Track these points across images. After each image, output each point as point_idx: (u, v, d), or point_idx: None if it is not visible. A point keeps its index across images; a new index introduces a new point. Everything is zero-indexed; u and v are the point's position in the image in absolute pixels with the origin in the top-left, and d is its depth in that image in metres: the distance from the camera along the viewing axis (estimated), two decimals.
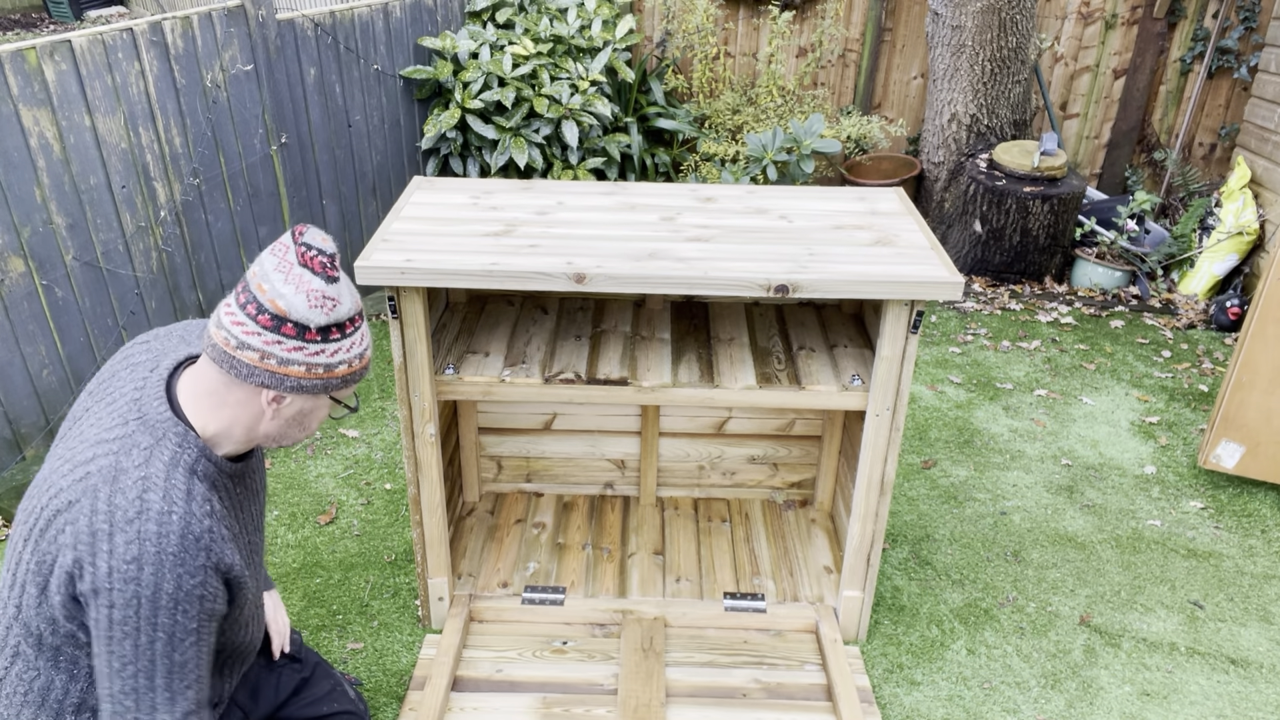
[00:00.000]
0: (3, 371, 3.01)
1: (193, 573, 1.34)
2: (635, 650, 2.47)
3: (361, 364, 1.48)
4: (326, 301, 1.38)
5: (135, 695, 1.35)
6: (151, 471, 1.36)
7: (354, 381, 1.48)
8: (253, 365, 1.38)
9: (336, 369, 1.43)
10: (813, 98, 5.50)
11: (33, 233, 2.99)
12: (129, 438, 1.39)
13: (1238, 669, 2.57)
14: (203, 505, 1.38)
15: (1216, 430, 3.15)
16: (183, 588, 1.33)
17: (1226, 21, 5.03)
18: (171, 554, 1.32)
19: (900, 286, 2.02)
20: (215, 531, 1.39)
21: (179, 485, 1.37)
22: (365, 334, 1.48)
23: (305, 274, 1.36)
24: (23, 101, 2.88)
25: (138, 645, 1.33)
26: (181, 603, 1.34)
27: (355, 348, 1.45)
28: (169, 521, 1.33)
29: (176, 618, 1.34)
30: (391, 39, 4.31)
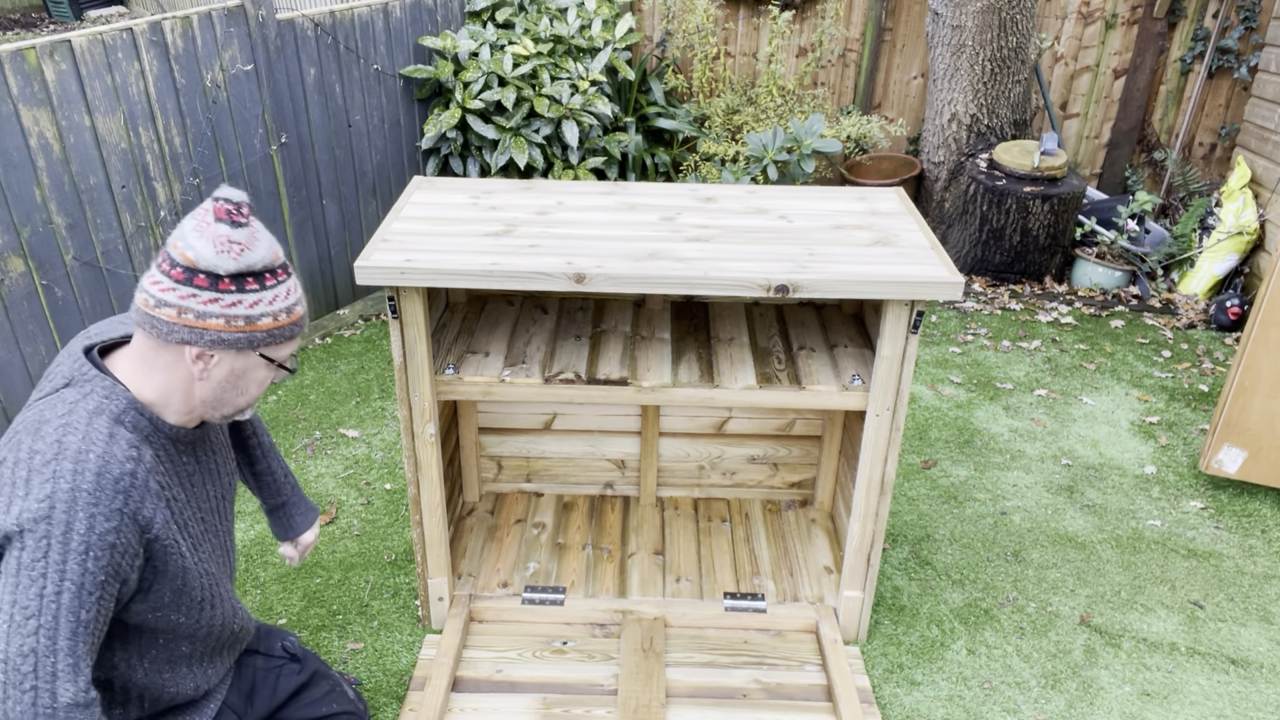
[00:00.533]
0: (3, 371, 3.01)
1: (107, 515, 1.30)
2: (635, 650, 2.47)
3: (290, 319, 1.43)
4: (233, 246, 1.35)
5: (35, 658, 1.26)
6: (73, 419, 1.34)
7: (283, 338, 1.44)
8: (171, 322, 1.35)
9: (258, 321, 1.39)
10: (813, 97, 5.50)
11: (32, 232, 2.99)
12: (56, 394, 1.38)
13: (1238, 669, 2.57)
14: (127, 450, 1.34)
15: (1218, 435, 3.15)
16: (95, 529, 1.28)
17: (1226, 21, 5.03)
18: (86, 491, 1.28)
19: (900, 286, 2.02)
20: (139, 478, 1.35)
21: (100, 429, 1.34)
22: (292, 290, 1.44)
23: (213, 223, 1.35)
24: (22, 101, 2.88)
25: (43, 594, 1.26)
26: (93, 548, 1.28)
27: (279, 300, 1.41)
28: (85, 460, 1.30)
29: (87, 564, 1.28)
30: (391, 39, 4.30)
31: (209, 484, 1.59)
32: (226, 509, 1.66)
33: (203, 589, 1.53)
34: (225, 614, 1.64)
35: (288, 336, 1.45)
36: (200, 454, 1.56)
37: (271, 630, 1.94)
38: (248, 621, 1.77)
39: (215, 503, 1.61)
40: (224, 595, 1.63)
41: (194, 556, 1.49)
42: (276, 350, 1.45)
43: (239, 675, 1.82)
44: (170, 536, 1.41)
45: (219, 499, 1.62)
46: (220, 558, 1.63)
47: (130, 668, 1.53)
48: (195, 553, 1.50)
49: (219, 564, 1.61)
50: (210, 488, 1.59)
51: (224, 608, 1.63)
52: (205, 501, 1.57)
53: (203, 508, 1.56)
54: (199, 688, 1.66)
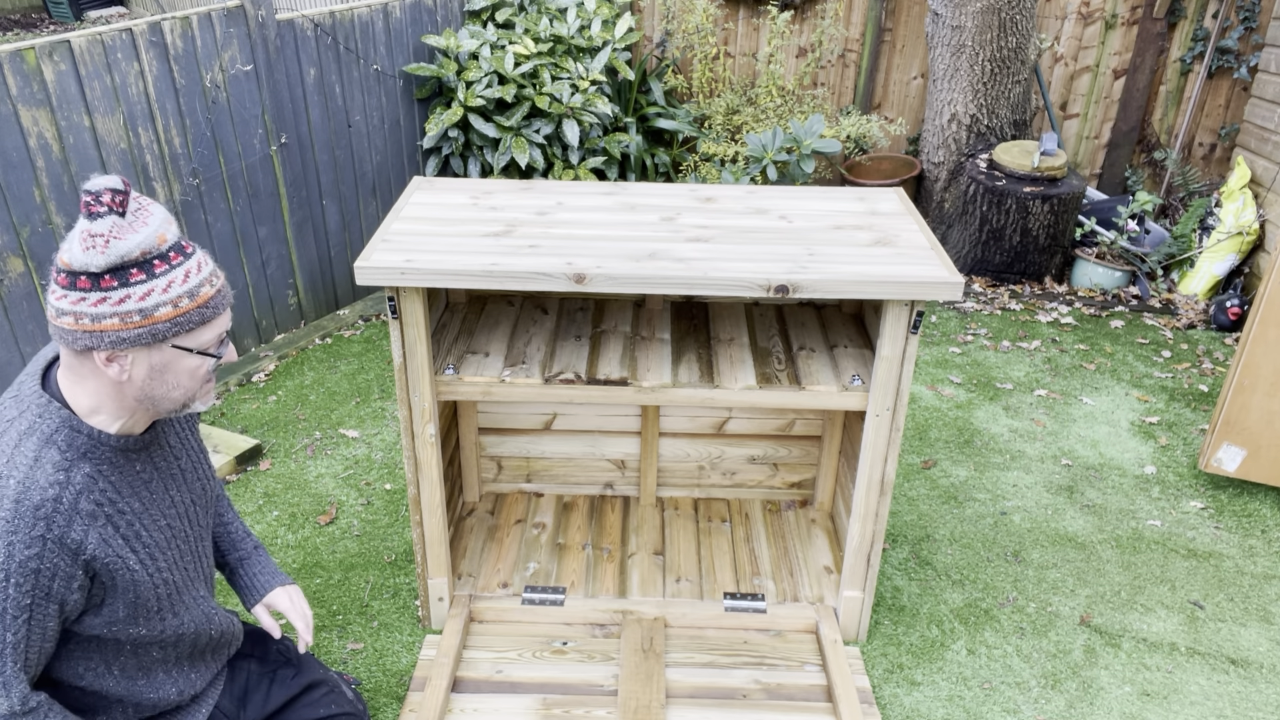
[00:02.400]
0: (2, 371, 3.01)
1: (27, 543, 1.27)
2: (635, 651, 2.47)
3: (193, 303, 1.33)
4: (95, 240, 1.26)
5: None
6: (2, 443, 1.32)
7: (192, 324, 1.34)
8: (72, 329, 1.30)
9: (155, 313, 1.30)
10: (812, 98, 5.50)
11: (32, 232, 2.99)
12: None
13: (1238, 669, 2.57)
14: (51, 475, 1.31)
15: (1218, 434, 3.15)
16: (15, 557, 1.26)
17: (1226, 21, 5.03)
18: (5, 520, 1.26)
19: (900, 286, 2.02)
20: (63, 503, 1.31)
21: (26, 453, 1.31)
22: (191, 272, 1.33)
23: (81, 220, 1.29)
24: (22, 102, 2.88)
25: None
26: (13, 575, 1.27)
27: (175, 287, 1.31)
28: (4, 488, 1.28)
29: (9, 591, 1.26)
30: (391, 39, 4.30)
31: (173, 489, 1.54)
32: (199, 514, 1.62)
33: (160, 599, 1.50)
34: (197, 620, 1.60)
35: (198, 321, 1.35)
36: (159, 459, 1.51)
37: (266, 634, 1.93)
38: (230, 625, 1.74)
39: (183, 508, 1.57)
40: (192, 602, 1.59)
41: (149, 568, 1.46)
42: (191, 338, 1.36)
43: (231, 679, 1.80)
44: (112, 554, 1.38)
45: (188, 504, 1.58)
46: (190, 564, 1.58)
47: (99, 676, 1.51)
48: (151, 563, 1.46)
49: (187, 571, 1.57)
50: (175, 493, 1.54)
51: (193, 614, 1.59)
52: (170, 507, 1.52)
53: (166, 514, 1.51)
54: (183, 692, 1.64)
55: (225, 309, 1.40)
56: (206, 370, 1.40)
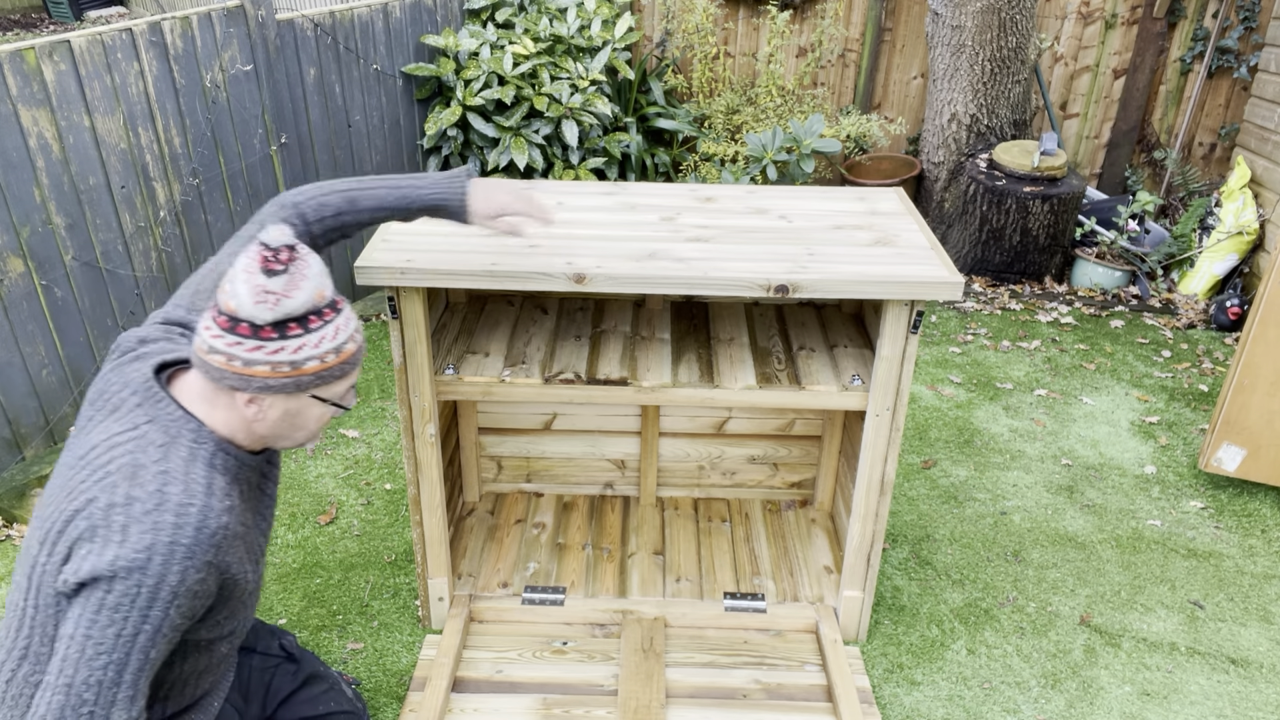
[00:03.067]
0: (2, 371, 3.01)
1: (198, 568, 1.33)
2: (635, 651, 2.47)
3: (339, 359, 1.42)
4: (268, 296, 1.34)
5: (98, 689, 1.31)
6: (170, 466, 1.36)
7: (332, 379, 1.43)
8: (221, 368, 1.37)
9: (304, 366, 1.39)
10: (812, 97, 5.50)
11: (32, 233, 2.99)
12: (143, 438, 1.39)
13: (1238, 669, 2.57)
14: (222, 500, 1.38)
15: (1218, 433, 3.15)
16: (185, 581, 1.32)
17: (1226, 21, 5.03)
18: (184, 546, 1.31)
19: (900, 286, 2.02)
20: (229, 529, 1.38)
21: (199, 479, 1.37)
22: (340, 328, 1.42)
23: (255, 271, 1.35)
24: (22, 102, 2.88)
25: (120, 635, 1.30)
26: (180, 597, 1.32)
27: (325, 343, 1.40)
28: (186, 514, 1.33)
29: (169, 612, 1.32)
30: (391, 39, 4.30)
31: (271, 489, 1.62)
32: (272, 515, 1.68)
33: (248, 599, 1.55)
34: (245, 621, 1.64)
35: (337, 376, 1.44)
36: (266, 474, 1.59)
37: (269, 628, 1.93)
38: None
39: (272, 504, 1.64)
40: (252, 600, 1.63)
41: (253, 576, 1.52)
42: (327, 389, 1.45)
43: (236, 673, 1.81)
44: (241, 570, 1.44)
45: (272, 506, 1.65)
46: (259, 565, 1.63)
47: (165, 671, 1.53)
48: (254, 570, 1.52)
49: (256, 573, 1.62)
50: (269, 505, 1.62)
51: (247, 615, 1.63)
52: (267, 509, 1.60)
53: (266, 517, 1.58)
54: (215, 686, 1.66)
55: (359, 364, 1.49)
56: (329, 417, 1.49)
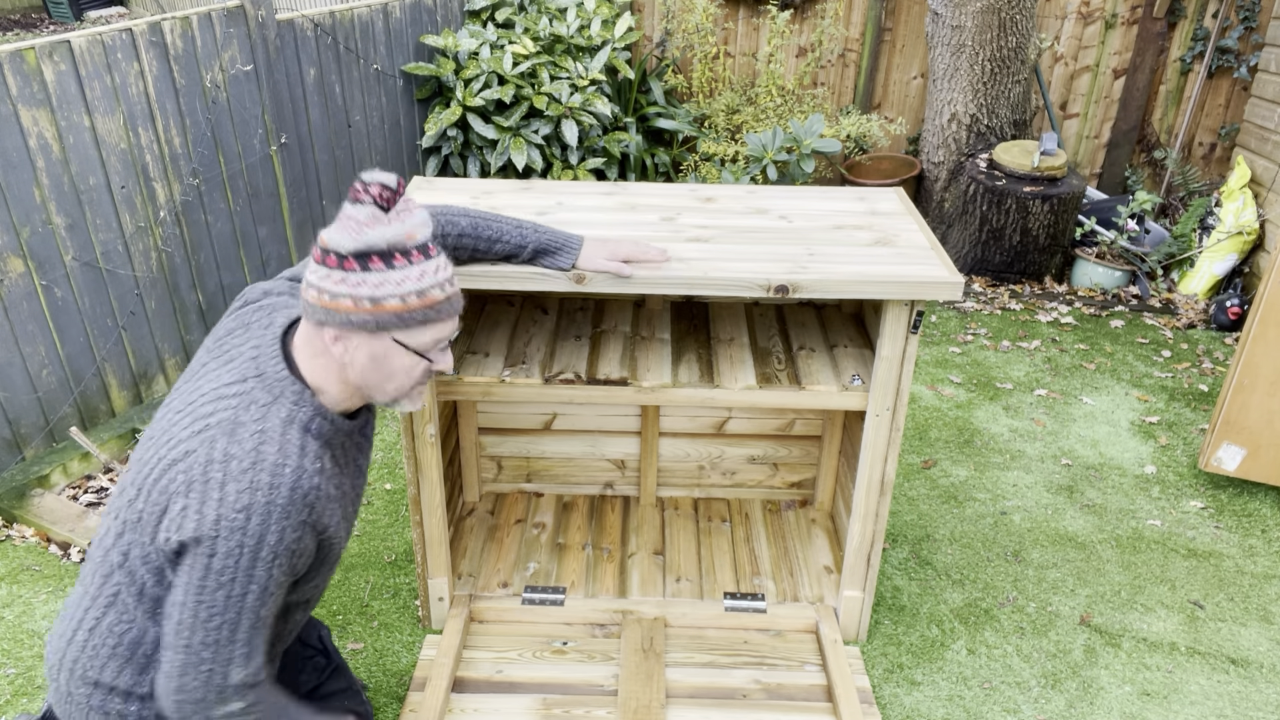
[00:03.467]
0: (3, 371, 3.01)
1: (295, 528, 1.35)
2: (635, 651, 2.47)
3: (421, 302, 1.37)
4: (349, 224, 1.34)
5: (215, 648, 1.35)
6: (268, 426, 1.37)
7: (415, 323, 1.39)
8: (313, 303, 1.38)
9: (384, 303, 1.35)
10: (812, 97, 5.50)
11: (32, 233, 2.99)
12: (247, 394, 1.40)
13: (1238, 669, 2.57)
14: (314, 462, 1.38)
15: (1218, 433, 3.15)
16: (284, 541, 1.34)
17: (1226, 21, 5.03)
18: (280, 506, 1.33)
19: (900, 286, 2.02)
20: (322, 490, 1.39)
21: (294, 440, 1.37)
22: (427, 273, 1.38)
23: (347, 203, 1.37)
24: (22, 102, 2.88)
25: (230, 596, 1.33)
26: (280, 556, 1.34)
27: (409, 283, 1.36)
28: (281, 474, 1.34)
29: (272, 571, 1.34)
30: (391, 39, 4.31)
31: (361, 458, 1.61)
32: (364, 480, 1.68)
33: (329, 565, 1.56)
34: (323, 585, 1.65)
35: (419, 321, 1.39)
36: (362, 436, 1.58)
37: (312, 619, 1.94)
38: None
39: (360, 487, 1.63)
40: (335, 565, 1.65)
41: (345, 539, 1.53)
42: (409, 335, 1.40)
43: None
44: (337, 533, 1.46)
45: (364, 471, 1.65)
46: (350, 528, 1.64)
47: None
48: (347, 533, 1.54)
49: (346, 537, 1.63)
50: (363, 460, 1.61)
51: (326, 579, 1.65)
52: (359, 475, 1.59)
53: (358, 484, 1.58)
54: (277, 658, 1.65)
55: (450, 317, 1.44)
56: (421, 371, 1.45)
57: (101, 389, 3.36)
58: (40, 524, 2.93)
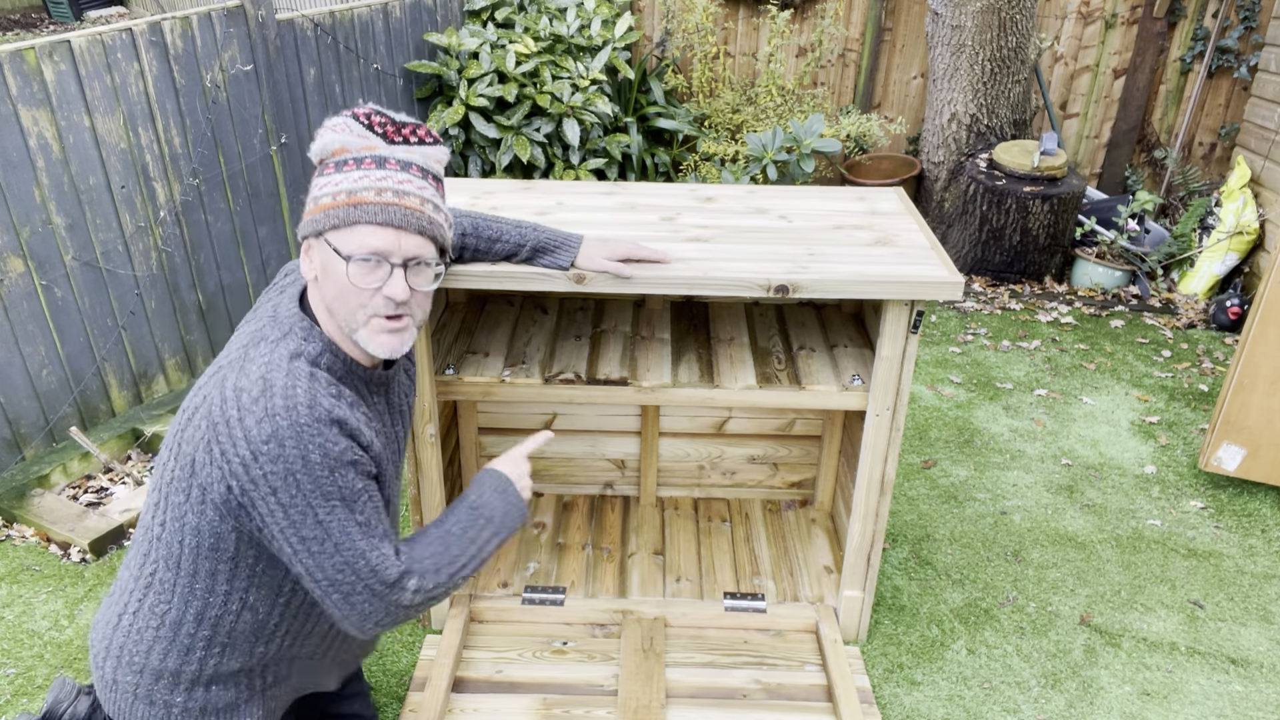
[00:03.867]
0: (2, 371, 3.01)
1: (334, 440, 1.31)
2: (635, 651, 2.47)
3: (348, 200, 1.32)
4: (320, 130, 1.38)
5: (349, 569, 1.33)
6: (275, 357, 1.34)
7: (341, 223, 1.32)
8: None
9: (320, 201, 1.35)
10: (812, 97, 5.50)
11: (32, 233, 2.99)
12: (260, 332, 1.39)
13: (1238, 669, 2.57)
14: (326, 389, 1.34)
15: (1218, 433, 3.15)
16: (330, 454, 1.30)
17: (1226, 21, 5.03)
18: (304, 424, 1.29)
19: (900, 286, 2.02)
20: (343, 412, 1.34)
21: (302, 369, 1.34)
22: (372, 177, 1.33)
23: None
24: (22, 102, 2.88)
25: (321, 522, 1.31)
26: (337, 469, 1.31)
27: (345, 183, 1.33)
28: (294, 395, 1.30)
29: (339, 482, 1.31)
30: (391, 39, 4.30)
31: (398, 425, 1.59)
32: (403, 448, 1.66)
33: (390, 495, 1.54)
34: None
35: (343, 219, 1.32)
36: (393, 395, 1.55)
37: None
38: None
39: (401, 443, 1.62)
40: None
41: (387, 491, 1.51)
42: (338, 236, 1.33)
43: None
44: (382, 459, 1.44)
45: (404, 442, 1.63)
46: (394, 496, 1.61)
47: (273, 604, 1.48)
48: (388, 488, 1.51)
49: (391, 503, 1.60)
50: (399, 429, 1.59)
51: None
52: (393, 440, 1.57)
53: (390, 447, 1.55)
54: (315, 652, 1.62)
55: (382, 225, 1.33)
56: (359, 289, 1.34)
57: (101, 389, 3.36)
58: (40, 524, 2.93)
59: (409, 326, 1.41)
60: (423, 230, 1.36)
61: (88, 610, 2.66)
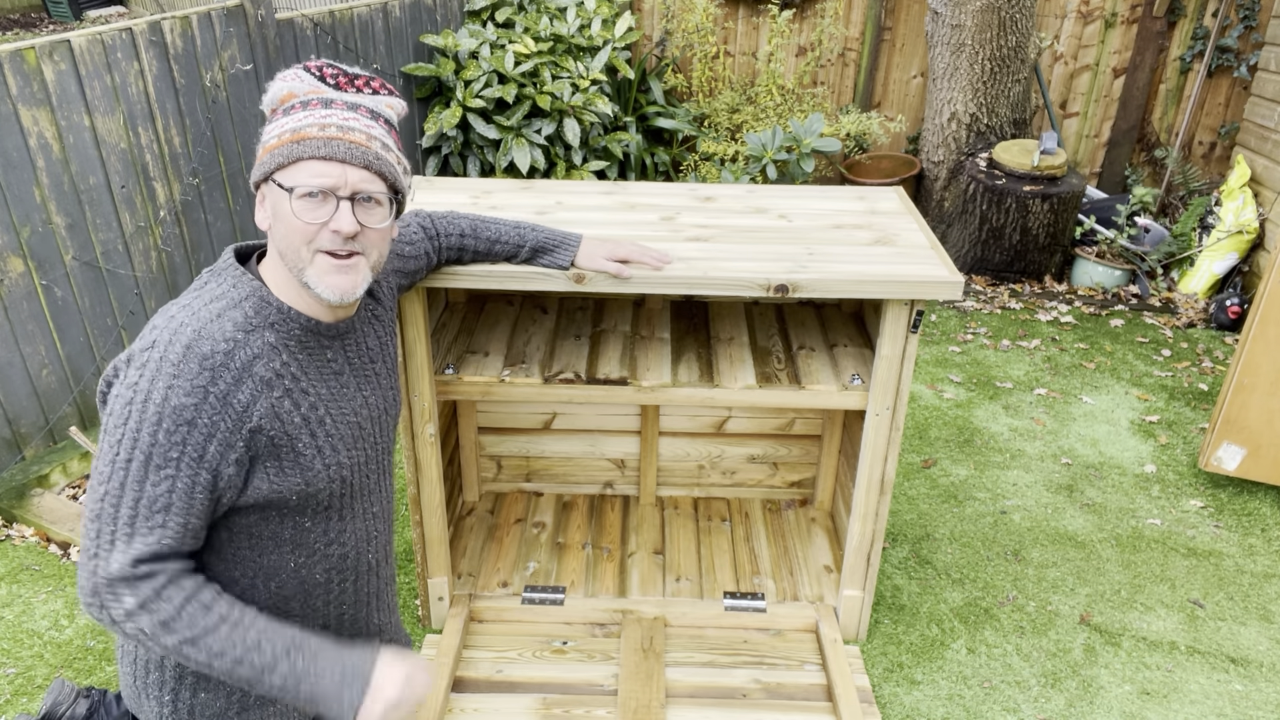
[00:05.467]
0: (2, 371, 3.01)
1: (187, 391, 1.24)
2: (635, 650, 2.47)
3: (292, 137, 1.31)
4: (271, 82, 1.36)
5: (99, 523, 1.24)
6: (194, 300, 1.32)
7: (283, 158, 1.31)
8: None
9: (267, 143, 1.34)
10: (812, 96, 5.50)
11: (32, 232, 2.99)
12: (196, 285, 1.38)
13: (1238, 668, 2.57)
14: (230, 332, 1.29)
15: (1218, 432, 3.15)
16: (170, 401, 1.23)
17: (1226, 20, 5.03)
18: (171, 362, 1.24)
19: (900, 286, 2.02)
20: (235, 359, 1.28)
21: (211, 309, 1.30)
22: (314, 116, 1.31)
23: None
24: (22, 101, 2.88)
25: (114, 460, 1.24)
26: (166, 418, 1.23)
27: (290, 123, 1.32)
28: (181, 332, 1.26)
29: (158, 436, 1.23)
30: (391, 39, 4.30)
31: (366, 389, 1.49)
32: (388, 424, 1.57)
33: (332, 496, 1.43)
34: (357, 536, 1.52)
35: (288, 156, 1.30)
36: (353, 354, 1.47)
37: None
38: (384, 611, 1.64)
39: (376, 411, 1.52)
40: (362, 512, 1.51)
41: (326, 458, 1.40)
42: (283, 175, 1.31)
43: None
44: (282, 430, 1.33)
45: (380, 411, 1.53)
46: (371, 472, 1.52)
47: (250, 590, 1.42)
48: (332, 454, 1.41)
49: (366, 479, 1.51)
50: (368, 393, 1.50)
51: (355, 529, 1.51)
52: (362, 406, 1.48)
53: (357, 412, 1.46)
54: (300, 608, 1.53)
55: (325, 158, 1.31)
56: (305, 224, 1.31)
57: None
58: (40, 524, 2.93)
59: (360, 266, 1.37)
60: (369, 165, 1.33)
61: None
